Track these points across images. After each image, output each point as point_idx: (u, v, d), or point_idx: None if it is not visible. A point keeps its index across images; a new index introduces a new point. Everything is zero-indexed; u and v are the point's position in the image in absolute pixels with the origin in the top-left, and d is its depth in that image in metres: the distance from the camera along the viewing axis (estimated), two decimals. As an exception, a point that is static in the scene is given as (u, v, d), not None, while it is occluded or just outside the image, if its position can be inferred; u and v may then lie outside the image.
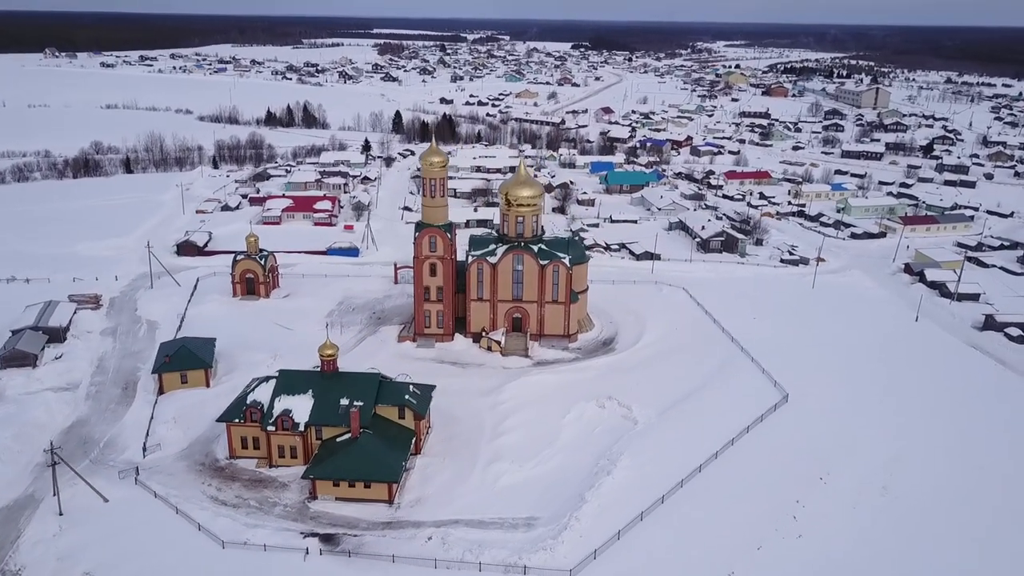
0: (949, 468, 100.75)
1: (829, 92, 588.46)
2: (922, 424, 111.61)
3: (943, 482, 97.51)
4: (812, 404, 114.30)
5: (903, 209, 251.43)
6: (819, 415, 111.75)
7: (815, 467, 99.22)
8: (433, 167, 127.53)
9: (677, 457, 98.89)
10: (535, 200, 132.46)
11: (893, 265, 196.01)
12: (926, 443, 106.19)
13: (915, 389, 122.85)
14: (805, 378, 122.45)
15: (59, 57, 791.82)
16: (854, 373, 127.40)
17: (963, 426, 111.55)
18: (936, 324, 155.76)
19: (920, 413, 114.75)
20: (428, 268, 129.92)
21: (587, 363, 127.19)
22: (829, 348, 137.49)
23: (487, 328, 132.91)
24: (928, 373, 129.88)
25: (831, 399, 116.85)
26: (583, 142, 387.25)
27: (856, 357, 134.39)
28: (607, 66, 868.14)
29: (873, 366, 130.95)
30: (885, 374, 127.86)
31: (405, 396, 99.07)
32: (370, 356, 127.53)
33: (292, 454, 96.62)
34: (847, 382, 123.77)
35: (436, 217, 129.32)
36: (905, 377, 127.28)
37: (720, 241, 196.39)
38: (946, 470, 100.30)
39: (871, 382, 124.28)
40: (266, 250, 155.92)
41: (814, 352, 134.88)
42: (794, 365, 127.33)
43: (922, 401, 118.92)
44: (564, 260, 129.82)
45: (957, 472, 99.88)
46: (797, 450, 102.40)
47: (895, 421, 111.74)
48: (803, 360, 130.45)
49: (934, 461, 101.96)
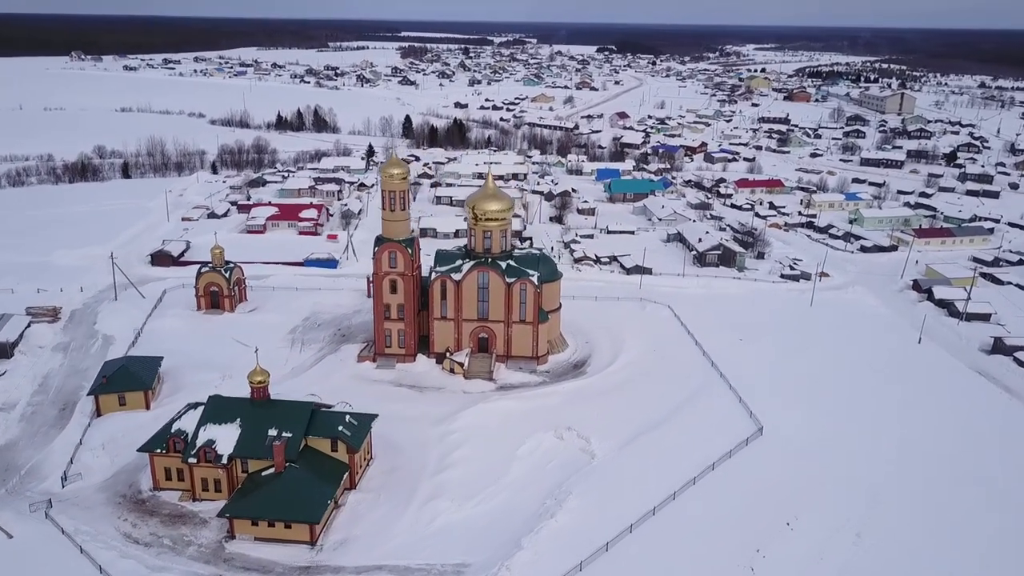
0: (936, 513, 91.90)
1: (853, 97, 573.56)
2: (910, 461, 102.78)
3: (927, 530, 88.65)
4: (788, 438, 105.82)
5: (918, 221, 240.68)
6: (795, 451, 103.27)
7: (783, 511, 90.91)
8: (393, 179, 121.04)
9: (631, 497, 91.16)
10: (503, 214, 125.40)
11: (901, 281, 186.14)
12: (911, 484, 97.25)
13: (907, 420, 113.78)
14: (785, 407, 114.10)
15: (84, 60, 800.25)
16: (841, 402, 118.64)
17: (957, 464, 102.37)
18: (941, 346, 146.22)
19: (910, 448, 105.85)
20: (388, 285, 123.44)
21: (554, 388, 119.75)
22: (818, 373, 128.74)
23: (451, 348, 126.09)
24: (925, 402, 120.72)
25: (811, 432, 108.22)
26: (595, 147, 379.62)
27: (846, 383, 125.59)
28: (630, 70, 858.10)
29: (864, 394, 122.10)
30: (876, 403, 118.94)
31: (339, 427, 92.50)
32: (325, 377, 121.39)
33: (216, 487, 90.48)
34: (832, 412, 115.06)
35: (397, 231, 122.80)
36: (898, 406, 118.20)
37: (717, 255, 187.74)
38: (933, 516, 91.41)
39: (859, 412, 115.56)
40: (232, 262, 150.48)
41: (800, 377, 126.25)
42: (776, 393, 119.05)
43: (913, 434, 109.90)
44: (532, 278, 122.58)
45: (944, 518, 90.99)
46: (765, 491, 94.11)
47: (880, 457, 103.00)
48: (787, 387, 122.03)
49: (919, 505, 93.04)
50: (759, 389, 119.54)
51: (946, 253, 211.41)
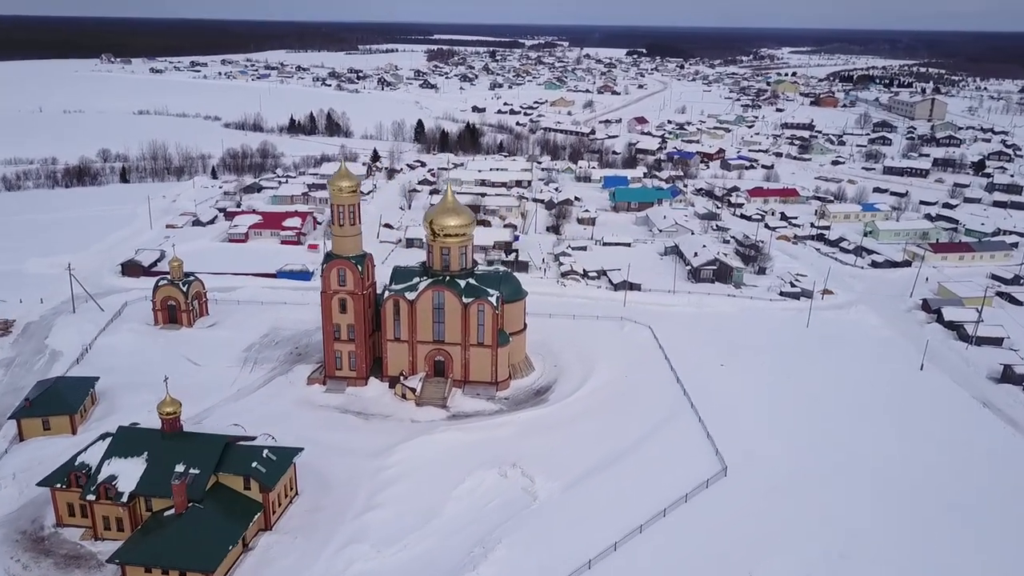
0: (921, 562, 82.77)
1: (882, 103, 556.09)
2: (893, 504, 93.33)
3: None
4: (755, 480, 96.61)
5: (937, 234, 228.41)
6: (761, 493, 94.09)
7: (742, 564, 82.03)
8: (342, 193, 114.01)
9: (568, 547, 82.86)
10: (463, 230, 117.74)
11: (910, 300, 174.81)
12: (886, 535, 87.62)
13: (894, 459, 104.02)
14: (760, 443, 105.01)
15: (113, 63, 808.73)
16: (824, 436, 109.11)
17: (943, 513, 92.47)
18: (945, 373, 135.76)
19: (893, 489, 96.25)
20: (337, 304, 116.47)
21: (509, 417, 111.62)
22: (803, 402, 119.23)
23: (406, 372, 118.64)
24: (918, 436, 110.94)
25: (783, 471, 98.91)
26: (609, 153, 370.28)
27: (833, 415, 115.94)
28: (656, 73, 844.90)
29: (851, 426, 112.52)
30: (863, 437, 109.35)
31: (252, 464, 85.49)
32: (269, 401, 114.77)
33: (119, 526, 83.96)
34: (812, 448, 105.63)
35: (347, 248, 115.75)
36: (887, 442, 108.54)
37: (712, 270, 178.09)
38: (918, 567, 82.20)
39: (842, 447, 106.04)
40: (193, 275, 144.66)
41: (783, 407, 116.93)
42: (752, 425, 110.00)
43: (901, 473, 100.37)
44: (490, 299, 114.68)
45: (930, 567, 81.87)
46: (718, 543, 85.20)
47: (857, 504, 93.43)
48: (765, 419, 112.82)
49: (894, 561, 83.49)
50: (733, 421, 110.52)
51: (964, 269, 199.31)
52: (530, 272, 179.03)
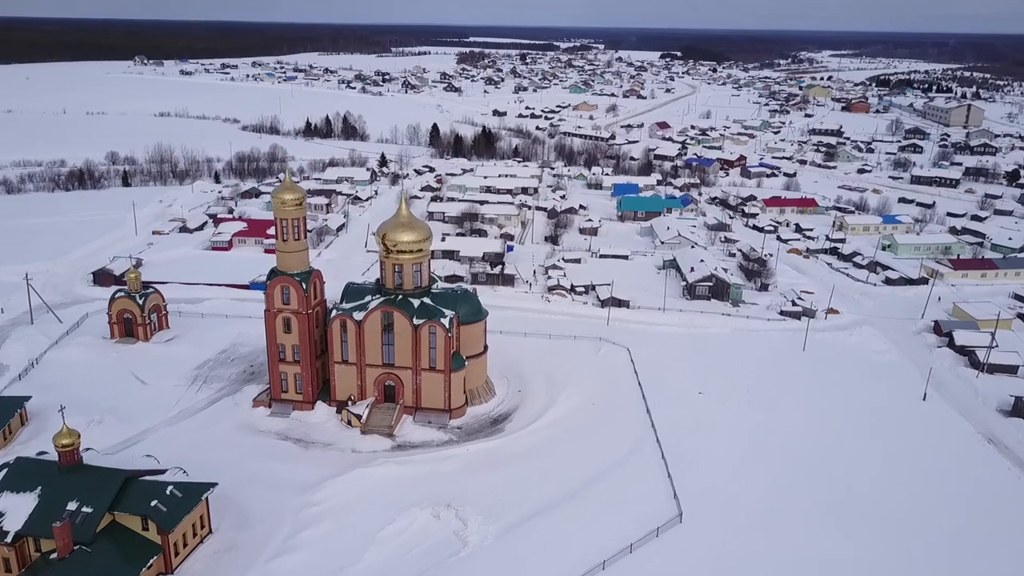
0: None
1: (916, 108, 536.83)
2: (874, 555, 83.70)
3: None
4: (712, 528, 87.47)
5: (960, 248, 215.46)
6: (718, 543, 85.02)
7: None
8: (286, 206, 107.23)
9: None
10: (418, 246, 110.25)
11: (920, 322, 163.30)
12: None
13: (876, 506, 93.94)
14: (723, 486, 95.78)
15: (146, 65, 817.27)
16: (799, 477, 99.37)
17: (933, 561, 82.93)
18: (950, 404, 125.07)
19: (876, 539, 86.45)
20: (282, 323, 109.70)
21: (457, 450, 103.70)
22: (783, 438, 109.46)
23: (354, 396, 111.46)
24: (909, 475, 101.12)
25: (743, 521, 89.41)
26: (626, 159, 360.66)
27: (814, 452, 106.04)
28: (687, 76, 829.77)
29: (832, 465, 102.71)
30: (844, 478, 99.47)
31: (151, 503, 78.78)
32: (208, 425, 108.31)
33: (7, 567, 77.82)
34: (781, 492, 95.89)
35: (291, 264, 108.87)
36: (872, 485, 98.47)
37: (708, 286, 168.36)
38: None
39: (817, 490, 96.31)
40: (152, 286, 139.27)
41: (759, 444, 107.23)
42: (718, 465, 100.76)
43: (884, 520, 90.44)
44: (443, 321, 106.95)
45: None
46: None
47: (830, 553, 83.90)
48: (735, 457, 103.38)
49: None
50: (700, 459, 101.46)
51: (985, 288, 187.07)
52: (516, 286, 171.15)
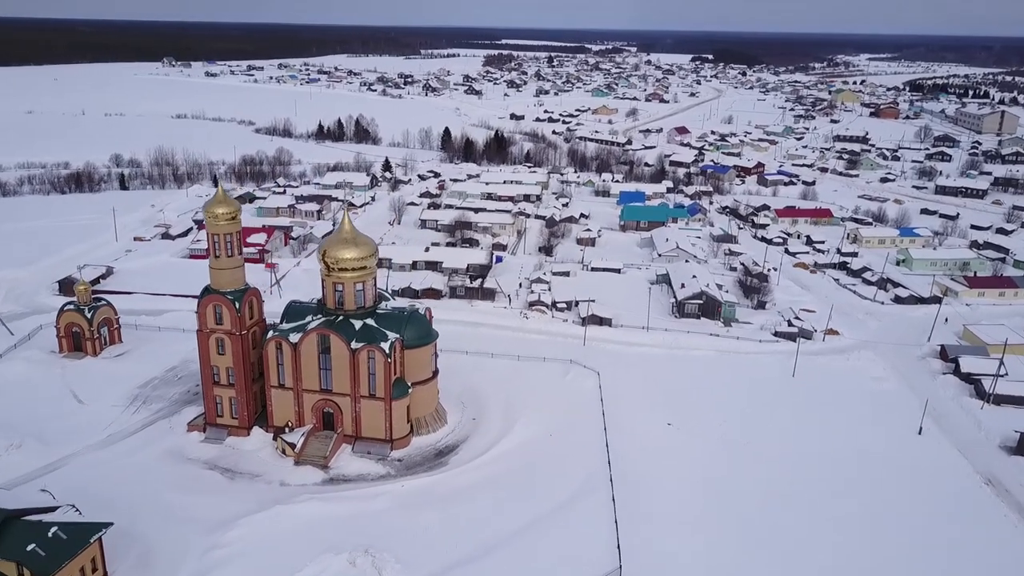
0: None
1: (948, 115, 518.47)
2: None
3: None
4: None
5: (980, 265, 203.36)
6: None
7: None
8: (218, 220, 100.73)
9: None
10: (361, 263, 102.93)
11: (926, 345, 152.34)
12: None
13: (857, 552, 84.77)
14: (674, 535, 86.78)
15: (173, 66, 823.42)
16: (762, 525, 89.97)
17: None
18: (948, 439, 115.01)
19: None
20: (215, 344, 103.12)
21: (391, 486, 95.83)
22: (753, 478, 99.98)
23: (292, 423, 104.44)
24: (892, 522, 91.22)
25: (699, 572, 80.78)
26: (640, 165, 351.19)
27: (785, 494, 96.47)
28: (715, 80, 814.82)
29: (810, 509, 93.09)
30: (814, 527, 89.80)
31: (29, 546, 72.22)
32: (135, 451, 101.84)
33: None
34: (741, 542, 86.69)
35: (224, 282, 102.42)
36: (850, 530, 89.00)
37: (697, 304, 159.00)
38: None
39: (781, 541, 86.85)
40: (103, 299, 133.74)
41: (722, 490, 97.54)
42: (673, 510, 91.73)
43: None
44: (382, 345, 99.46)
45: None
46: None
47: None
48: (694, 501, 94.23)
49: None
50: (654, 503, 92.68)
51: (1003, 308, 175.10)
52: (496, 300, 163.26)
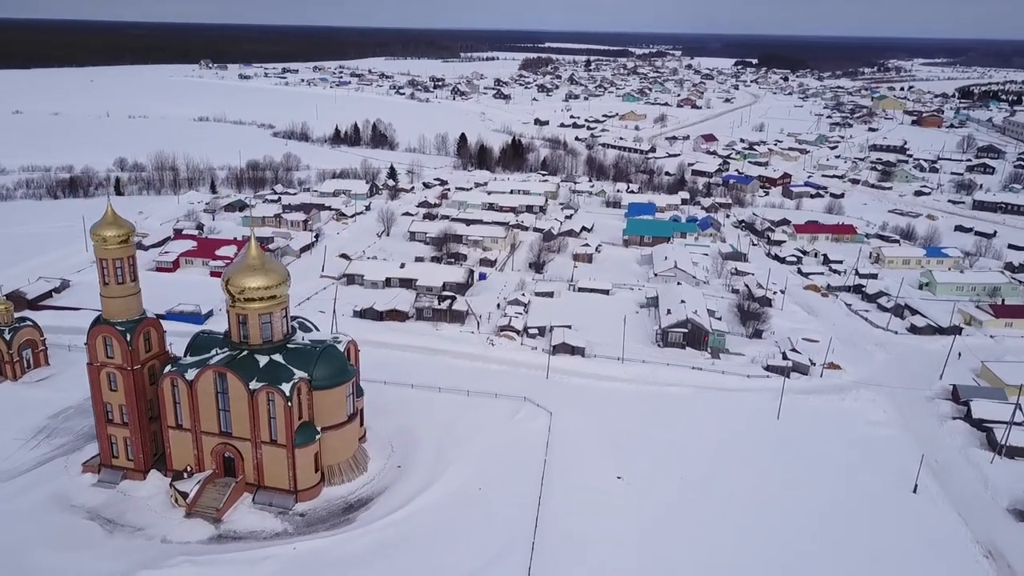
0: None
1: (996, 124, 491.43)
2: None
3: None
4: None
5: (1012, 290, 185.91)
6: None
7: None
8: (107, 244, 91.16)
9: None
10: (269, 292, 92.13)
11: (937, 384, 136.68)
12: None
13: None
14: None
15: (210, 68, 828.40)
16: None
17: None
18: (948, 499, 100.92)
19: None
20: (107, 379, 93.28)
21: (282, 548, 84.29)
22: (705, 547, 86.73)
23: (192, 467, 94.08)
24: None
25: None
26: (661, 174, 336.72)
27: (743, 568, 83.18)
28: (754, 85, 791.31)
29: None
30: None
31: None
32: (17, 494, 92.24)
33: None
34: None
35: (115, 311, 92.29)
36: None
37: (682, 333, 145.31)
38: None
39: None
40: (28, 319, 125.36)
41: (670, 555, 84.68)
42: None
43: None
44: (281, 387, 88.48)
45: None
46: None
47: None
48: (628, 573, 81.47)
49: None
50: (579, 572, 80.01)
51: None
52: (466, 324, 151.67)
